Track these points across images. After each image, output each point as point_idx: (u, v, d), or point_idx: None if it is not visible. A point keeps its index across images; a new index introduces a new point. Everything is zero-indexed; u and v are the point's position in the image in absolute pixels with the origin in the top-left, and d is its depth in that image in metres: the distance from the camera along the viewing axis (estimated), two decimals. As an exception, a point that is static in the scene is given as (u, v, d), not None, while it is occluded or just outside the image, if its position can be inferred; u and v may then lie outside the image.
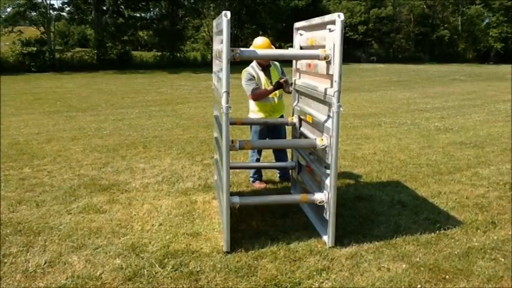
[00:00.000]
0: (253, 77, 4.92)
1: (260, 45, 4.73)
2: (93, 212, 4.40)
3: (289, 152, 5.71)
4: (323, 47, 3.57)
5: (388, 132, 8.58)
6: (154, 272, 3.24)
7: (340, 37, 3.30)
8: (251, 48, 4.72)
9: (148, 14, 35.82)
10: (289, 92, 4.80)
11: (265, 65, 4.98)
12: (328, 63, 3.53)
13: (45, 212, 4.38)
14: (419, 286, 3.12)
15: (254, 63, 5.01)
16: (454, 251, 3.59)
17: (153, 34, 35.52)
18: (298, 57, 4.53)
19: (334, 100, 3.41)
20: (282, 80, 4.71)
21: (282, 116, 5.16)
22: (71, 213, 4.34)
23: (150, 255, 3.49)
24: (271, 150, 6.63)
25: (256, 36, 5.19)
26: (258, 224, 4.12)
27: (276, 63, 5.20)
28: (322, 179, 3.78)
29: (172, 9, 34.61)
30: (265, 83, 4.95)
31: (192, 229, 3.97)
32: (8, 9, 30.02)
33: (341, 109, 3.42)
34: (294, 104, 4.72)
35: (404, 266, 3.37)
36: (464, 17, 49.94)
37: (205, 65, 30.60)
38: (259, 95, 4.88)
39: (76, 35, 52.17)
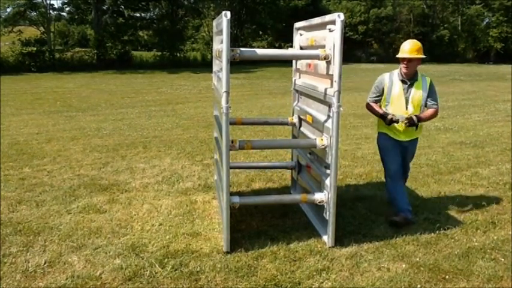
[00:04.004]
0: (380, 87, 4.19)
1: (407, 50, 4.07)
2: (93, 212, 4.40)
3: (289, 151, 5.72)
4: (323, 47, 3.57)
5: (388, 132, 8.56)
6: (154, 272, 3.25)
7: (340, 37, 3.30)
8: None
9: (148, 14, 35.81)
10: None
11: (408, 76, 4.11)
12: (328, 63, 3.53)
13: (45, 212, 4.38)
14: (419, 286, 3.12)
15: (398, 70, 4.19)
16: (454, 251, 3.59)
17: (153, 34, 35.50)
18: (298, 57, 4.53)
19: (334, 100, 3.41)
20: (413, 118, 3.98)
21: (415, 140, 4.31)
22: (71, 213, 4.34)
23: (150, 255, 3.49)
24: (271, 150, 6.66)
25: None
26: (258, 224, 4.12)
27: (428, 79, 4.21)
28: (322, 179, 3.78)
29: (172, 9, 34.60)
30: (397, 97, 4.10)
31: (192, 229, 3.97)
32: (8, 9, 30.05)
33: (341, 109, 3.42)
34: (294, 104, 4.72)
35: (404, 266, 3.37)
36: (464, 17, 49.91)
37: (205, 65, 30.54)
38: (369, 109, 4.30)
39: (76, 35, 52.06)
